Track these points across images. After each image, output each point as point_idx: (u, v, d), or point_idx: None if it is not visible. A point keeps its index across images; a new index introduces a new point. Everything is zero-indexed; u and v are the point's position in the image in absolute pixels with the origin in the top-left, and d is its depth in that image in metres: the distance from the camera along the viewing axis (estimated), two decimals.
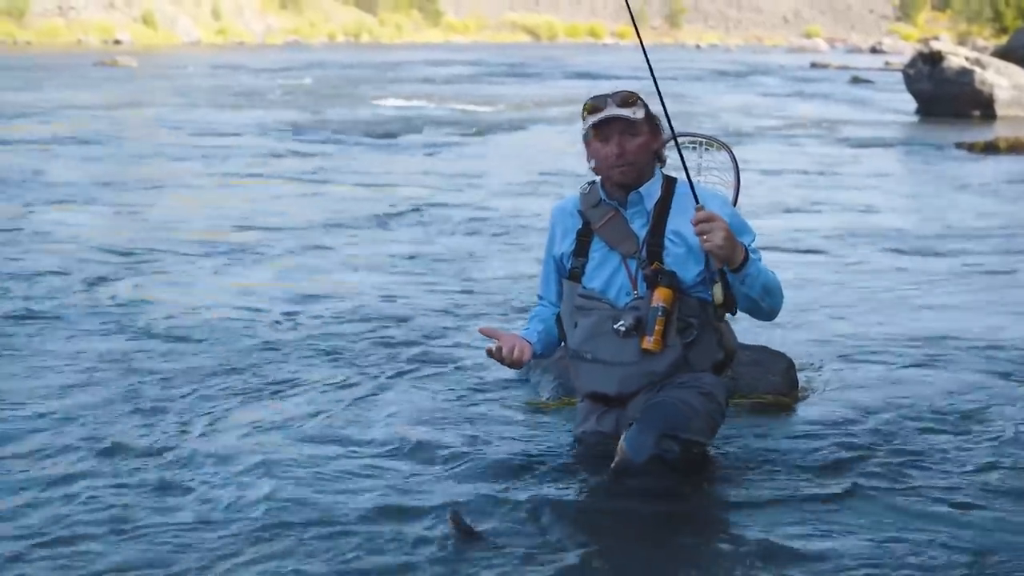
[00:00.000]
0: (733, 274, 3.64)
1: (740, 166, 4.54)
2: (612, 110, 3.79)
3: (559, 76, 37.91)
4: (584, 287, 3.90)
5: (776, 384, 4.79)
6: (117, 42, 72.24)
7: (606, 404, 3.94)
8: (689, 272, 3.77)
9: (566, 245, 3.97)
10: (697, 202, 3.65)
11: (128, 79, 32.35)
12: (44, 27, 74.32)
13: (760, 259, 3.74)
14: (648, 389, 3.81)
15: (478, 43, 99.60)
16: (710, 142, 4.57)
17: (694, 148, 4.48)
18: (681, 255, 3.79)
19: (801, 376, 5.02)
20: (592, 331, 3.87)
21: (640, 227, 3.85)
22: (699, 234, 3.58)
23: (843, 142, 17.39)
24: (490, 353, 3.83)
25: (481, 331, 3.98)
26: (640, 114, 3.80)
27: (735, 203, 4.22)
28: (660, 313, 3.72)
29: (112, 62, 42.04)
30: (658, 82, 3.75)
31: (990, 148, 15.67)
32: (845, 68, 45.39)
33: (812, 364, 5.32)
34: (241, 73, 36.96)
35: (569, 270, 3.95)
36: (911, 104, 22.66)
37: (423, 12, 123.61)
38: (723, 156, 4.52)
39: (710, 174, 4.50)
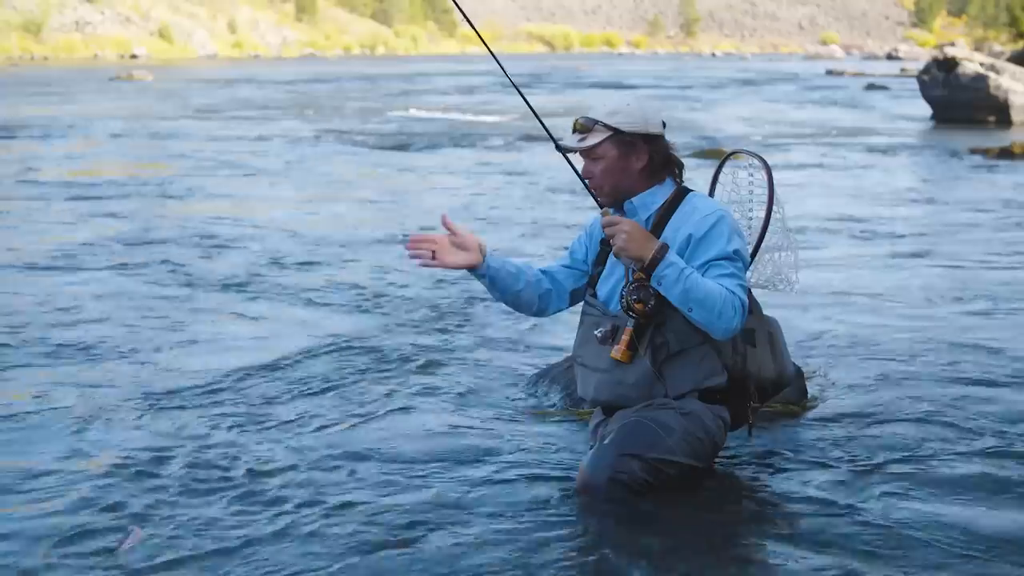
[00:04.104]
0: (650, 275, 3.60)
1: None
2: (565, 140, 3.81)
3: (579, 86, 37.92)
4: (593, 293, 3.93)
5: (786, 392, 4.75)
6: (133, 56, 72.65)
7: (605, 413, 3.94)
8: None
9: (592, 253, 4.00)
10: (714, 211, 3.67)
11: (163, 93, 32.48)
12: (61, 42, 74.79)
13: (727, 272, 3.61)
14: (626, 408, 3.77)
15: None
16: (747, 156, 4.22)
17: (748, 164, 4.15)
18: None
19: (811, 385, 4.99)
20: (583, 336, 3.91)
21: None
22: (608, 237, 3.63)
23: (857, 149, 17.34)
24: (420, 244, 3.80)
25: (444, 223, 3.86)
26: (593, 140, 3.75)
27: (767, 219, 3.99)
28: (629, 323, 3.71)
29: (128, 76, 42.26)
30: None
31: (1005, 153, 15.60)
32: (861, 75, 45.35)
33: (823, 372, 5.29)
34: (268, 87, 37.06)
35: (589, 277, 3.98)
36: (926, 110, 22.58)
37: (438, 23, 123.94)
38: (760, 173, 4.17)
39: (759, 191, 4.15)
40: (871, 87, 35.48)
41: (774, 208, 3.96)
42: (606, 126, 3.76)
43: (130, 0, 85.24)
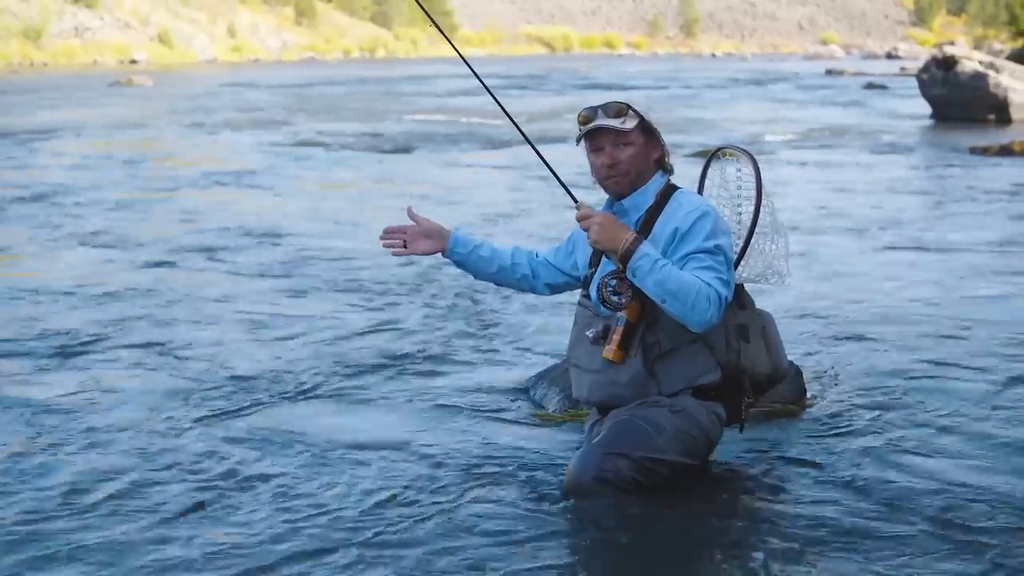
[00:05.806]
0: (625, 266, 3.65)
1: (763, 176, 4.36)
2: (601, 120, 3.80)
3: (582, 87, 37.80)
4: (586, 294, 3.94)
5: (784, 391, 4.76)
6: (133, 62, 72.60)
7: (599, 413, 3.95)
8: None
9: (585, 254, 4.01)
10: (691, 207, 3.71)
11: (168, 98, 32.48)
12: (60, 48, 74.65)
13: (705, 265, 3.62)
14: (619, 407, 3.79)
15: (494, 56, 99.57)
16: (734, 152, 4.18)
17: (735, 159, 4.13)
18: None
19: (809, 384, 4.99)
20: (576, 337, 3.94)
21: None
22: (583, 230, 3.71)
23: (856, 147, 17.34)
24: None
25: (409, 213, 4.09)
26: (630, 124, 3.79)
27: (756, 212, 3.97)
28: (620, 323, 3.72)
29: (128, 81, 42.21)
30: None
31: (1005, 151, 15.60)
32: (860, 74, 45.31)
33: (821, 372, 5.29)
34: (273, 91, 36.98)
35: (583, 278, 3.98)
36: (926, 109, 22.56)
37: None
38: (748, 168, 4.13)
39: (748, 186, 4.11)
40: (871, 86, 35.44)
41: (763, 202, 3.97)
42: (636, 112, 3.82)
43: (129, 6, 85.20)
